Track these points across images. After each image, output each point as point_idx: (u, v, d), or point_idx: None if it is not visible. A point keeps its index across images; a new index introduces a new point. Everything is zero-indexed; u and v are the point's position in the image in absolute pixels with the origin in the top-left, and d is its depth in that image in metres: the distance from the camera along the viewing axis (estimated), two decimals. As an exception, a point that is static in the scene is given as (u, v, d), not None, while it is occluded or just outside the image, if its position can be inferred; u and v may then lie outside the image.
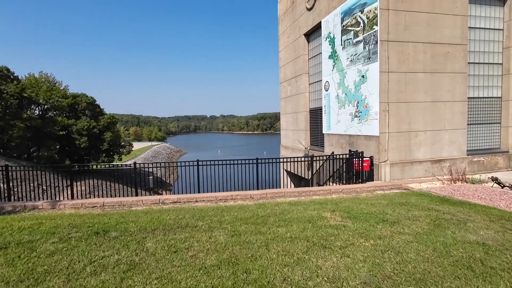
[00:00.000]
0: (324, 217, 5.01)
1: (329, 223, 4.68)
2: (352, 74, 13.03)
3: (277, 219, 4.95)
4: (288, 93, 19.93)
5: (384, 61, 11.42)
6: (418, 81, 11.81)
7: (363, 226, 4.49)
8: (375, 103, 11.72)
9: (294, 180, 20.45)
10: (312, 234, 4.17)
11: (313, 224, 4.60)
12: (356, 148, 12.90)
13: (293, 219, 4.92)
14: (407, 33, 11.58)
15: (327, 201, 6.28)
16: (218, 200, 7.00)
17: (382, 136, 11.61)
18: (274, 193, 7.39)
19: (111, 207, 6.61)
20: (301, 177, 18.73)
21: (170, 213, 5.52)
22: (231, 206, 6.08)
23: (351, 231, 4.29)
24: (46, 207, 6.81)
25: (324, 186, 9.05)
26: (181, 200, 7.01)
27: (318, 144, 16.78)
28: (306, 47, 17.45)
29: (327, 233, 4.19)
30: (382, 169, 11.65)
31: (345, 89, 13.60)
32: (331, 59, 14.55)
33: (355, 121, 12.97)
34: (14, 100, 36.76)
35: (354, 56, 12.84)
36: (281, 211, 5.48)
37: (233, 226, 4.60)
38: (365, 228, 4.38)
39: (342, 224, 4.60)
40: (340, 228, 4.38)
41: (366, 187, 8.37)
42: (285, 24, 19.77)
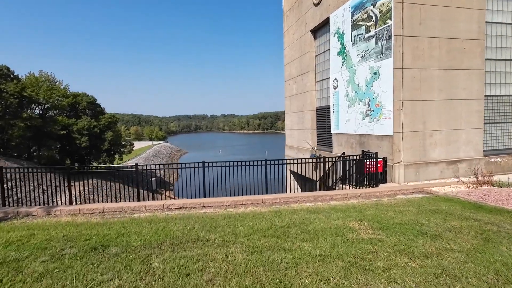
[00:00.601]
0: (352, 228, 4.39)
1: (360, 236, 4.06)
2: (363, 71, 12.39)
3: (299, 230, 4.32)
4: (293, 92, 19.28)
5: (398, 57, 10.78)
6: (433, 78, 11.17)
7: (401, 240, 3.87)
8: (389, 101, 11.08)
9: (300, 181, 19.81)
10: (345, 251, 3.54)
11: (343, 238, 3.98)
12: (367, 148, 12.27)
13: (317, 230, 4.30)
14: (422, 28, 10.93)
15: (349, 208, 5.66)
16: (228, 206, 6.38)
17: (396, 136, 10.98)
18: (287, 198, 6.77)
19: (112, 214, 5.99)
20: (307, 178, 18.11)
21: (177, 223, 4.89)
22: (243, 214, 5.46)
23: (390, 247, 3.67)
24: (40, 214, 6.19)
25: (340, 190, 8.44)
26: (188, 206, 6.39)
27: (326, 144, 16.15)
28: (313, 44, 16.79)
29: (363, 249, 3.57)
30: (396, 170, 11.02)
31: (355, 87, 12.96)
32: (340, 55, 13.90)
33: (366, 120, 12.33)
34: (14, 99, 36.10)
35: (366, 52, 12.19)
36: (301, 220, 4.86)
37: (250, 240, 3.98)
38: (405, 243, 3.75)
39: (376, 237, 3.99)
40: (375, 243, 3.77)
41: (386, 191, 7.74)
42: (290, 21, 19.10)
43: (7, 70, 39.41)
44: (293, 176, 20.45)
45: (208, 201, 6.50)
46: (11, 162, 32.87)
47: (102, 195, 9.11)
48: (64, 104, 40.43)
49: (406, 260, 3.28)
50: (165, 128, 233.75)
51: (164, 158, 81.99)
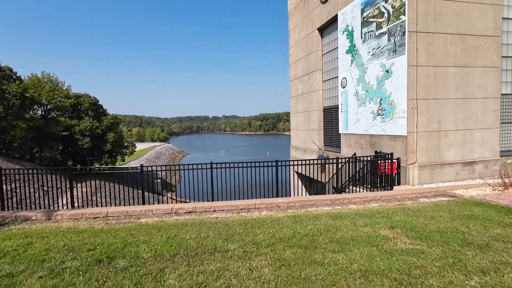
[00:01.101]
0: (386, 236, 3.90)
1: (397, 246, 3.58)
2: (374, 69, 11.91)
3: (326, 239, 3.83)
4: (299, 91, 18.80)
5: (412, 54, 10.30)
6: (448, 76, 10.69)
7: (446, 251, 3.37)
8: (402, 100, 10.59)
9: (305, 182, 19.32)
10: (387, 265, 3.05)
11: (379, 249, 3.49)
12: (379, 149, 11.78)
13: (347, 239, 3.81)
14: (437, 24, 10.45)
15: (373, 212, 5.17)
16: (240, 210, 5.89)
17: (410, 136, 10.49)
18: (303, 202, 6.28)
19: (116, 219, 5.50)
20: (313, 179, 17.61)
21: (190, 230, 4.40)
22: (259, 219, 4.97)
23: (436, 260, 3.19)
24: (40, 218, 5.71)
25: (359, 193, 7.95)
26: (197, 210, 5.91)
27: (333, 144, 15.65)
28: (320, 42, 16.32)
29: (407, 263, 3.08)
30: (410, 172, 10.53)
31: (365, 86, 12.47)
32: (349, 53, 13.42)
33: (378, 119, 11.84)
34: (16, 100, 35.67)
35: (377, 49, 11.71)
36: (325, 227, 4.37)
37: (275, 251, 3.49)
38: (452, 256, 3.26)
39: (416, 248, 3.50)
40: (418, 255, 3.28)
41: (407, 193, 7.24)
42: (296, 19, 18.64)
43: (10, 71, 39.04)
44: (298, 177, 19.95)
45: (219, 205, 6.02)
46: (13, 163, 32.39)
47: (105, 196, 8.66)
48: (67, 105, 40.00)
49: (462, 277, 2.79)
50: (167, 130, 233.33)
51: (166, 160, 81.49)
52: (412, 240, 3.77)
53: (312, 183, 19.02)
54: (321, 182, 15.69)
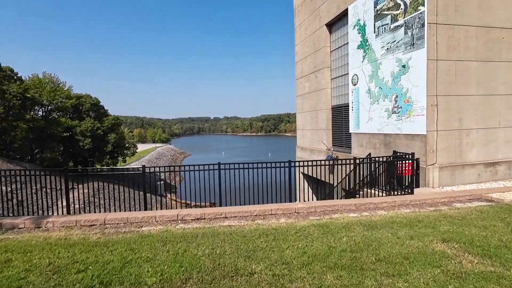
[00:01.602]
0: (443, 253, 3.14)
1: (465, 267, 2.82)
2: (388, 64, 11.15)
3: (372, 257, 3.07)
4: (305, 90, 18.04)
5: (432, 47, 9.54)
6: (469, 71, 9.93)
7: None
8: (421, 97, 9.83)
9: (312, 184, 18.53)
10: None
11: (443, 271, 2.73)
12: (394, 149, 11.01)
13: (397, 257, 3.04)
14: (458, 15, 9.70)
15: (411, 221, 4.41)
16: (255, 217, 5.13)
17: (430, 135, 9.72)
18: (325, 207, 5.52)
19: (115, 227, 4.75)
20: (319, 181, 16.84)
21: (201, 243, 3.63)
22: (281, 229, 4.21)
23: (526, 288, 2.45)
24: (28, 226, 4.96)
25: (384, 197, 7.17)
26: (206, 216, 5.15)
27: (343, 144, 14.88)
28: (328, 39, 15.57)
29: (490, 294, 2.35)
30: (429, 173, 9.76)
31: (379, 82, 11.72)
32: (361, 49, 12.67)
33: (393, 118, 11.08)
34: (17, 101, 34.94)
35: (392, 43, 10.96)
36: (363, 240, 3.61)
37: (312, 274, 2.73)
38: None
39: (490, 270, 2.75)
40: (498, 281, 2.54)
41: (438, 198, 6.47)
42: (303, 16, 17.90)
43: (11, 72, 38.34)
44: (304, 178, 19.16)
45: (230, 211, 5.26)
46: (13, 164, 31.65)
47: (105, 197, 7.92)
48: (68, 105, 39.26)
49: None
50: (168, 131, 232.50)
51: (167, 161, 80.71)
52: (479, 258, 3.02)
53: (319, 185, 18.23)
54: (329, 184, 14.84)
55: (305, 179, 18.97)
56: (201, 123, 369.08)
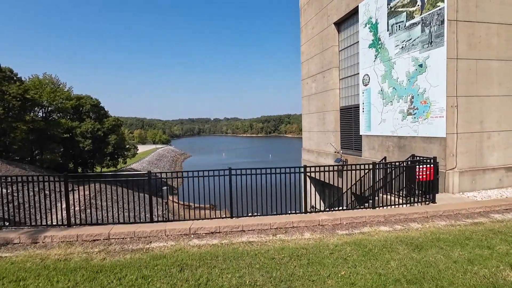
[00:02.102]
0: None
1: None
2: (403, 63, 10.65)
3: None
4: (312, 91, 17.53)
5: (452, 45, 9.04)
6: (491, 71, 9.43)
7: None
8: (440, 97, 9.33)
9: (318, 187, 17.97)
10: None
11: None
12: (410, 152, 10.50)
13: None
14: (478, 12, 9.21)
15: (457, 238, 3.87)
16: (275, 230, 4.62)
17: (450, 138, 9.22)
18: (351, 219, 5.01)
19: (121, 243, 4.24)
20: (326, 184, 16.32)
21: (225, 268, 3.09)
22: (311, 249, 3.67)
23: None
24: (24, 242, 4.45)
25: (414, 207, 6.66)
26: (221, 230, 4.64)
27: (352, 147, 14.37)
28: (336, 38, 15.08)
29: None
30: (449, 178, 9.25)
31: (392, 82, 11.22)
32: (373, 48, 12.17)
33: (408, 119, 10.57)
34: (16, 102, 34.47)
35: (407, 42, 10.46)
36: (417, 267, 3.03)
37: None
38: None
39: None
40: None
41: (472, 207, 5.94)
42: (309, 14, 17.40)
43: (10, 72, 37.88)
44: (310, 182, 18.65)
45: (247, 223, 4.74)
46: (12, 166, 31.15)
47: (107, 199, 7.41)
48: (68, 106, 38.74)
49: None
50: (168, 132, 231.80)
51: (168, 162, 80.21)
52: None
53: (324, 188, 17.69)
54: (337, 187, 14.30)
55: (311, 182, 18.45)
56: (201, 124, 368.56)
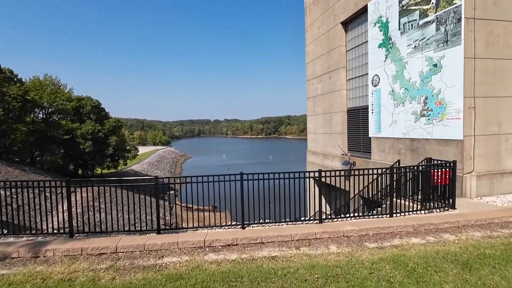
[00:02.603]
0: None
1: None
2: (416, 63, 10.28)
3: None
4: (318, 92, 17.16)
5: (469, 44, 8.68)
6: (509, 71, 9.07)
7: None
8: (456, 98, 8.95)
9: (324, 190, 17.49)
10: None
11: None
12: (423, 154, 10.12)
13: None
14: (496, 9, 8.85)
15: (510, 254, 3.49)
16: (297, 243, 4.23)
17: (467, 140, 8.84)
18: (377, 229, 4.62)
19: (130, 258, 3.84)
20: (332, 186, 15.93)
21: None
22: (345, 267, 3.27)
23: None
24: (24, 256, 4.05)
25: (444, 216, 6.26)
26: (238, 242, 4.25)
27: (360, 149, 13.98)
28: (344, 38, 14.71)
29: None
30: (466, 182, 8.86)
31: (404, 83, 10.84)
32: (383, 47, 11.80)
33: (422, 121, 10.19)
34: (16, 103, 34.10)
35: (421, 41, 10.09)
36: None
37: None
38: None
39: None
40: None
41: (506, 216, 5.55)
42: (315, 14, 17.04)
43: (10, 73, 37.50)
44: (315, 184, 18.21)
45: (266, 235, 4.34)
46: (12, 168, 30.73)
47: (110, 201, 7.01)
48: (68, 108, 38.34)
49: None
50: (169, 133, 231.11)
51: (168, 163, 79.76)
52: None
53: (330, 190, 17.28)
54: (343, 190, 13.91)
55: (316, 185, 18.03)
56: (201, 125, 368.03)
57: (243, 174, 6.76)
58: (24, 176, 29.55)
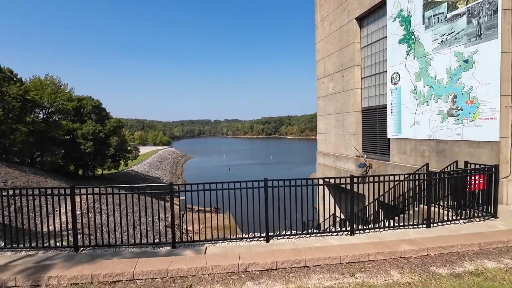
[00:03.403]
0: None
1: None
2: (443, 59, 9.57)
3: None
4: (329, 91, 16.42)
5: (507, 38, 7.97)
6: (547, 67, 8.36)
7: None
8: (492, 97, 8.24)
9: (334, 192, 16.63)
10: None
11: None
12: (451, 157, 9.41)
13: None
14: (535, 1, 8.15)
15: None
16: (350, 267, 3.52)
17: (504, 142, 8.13)
18: (439, 249, 3.90)
19: (150, 286, 3.13)
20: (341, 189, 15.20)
21: None
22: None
23: None
24: (22, 284, 3.32)
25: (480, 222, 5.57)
26: (279, 266, 3.53)
27: (377, 151, 13.27)
28: (358, 34, 13.98)
29: None
30: (502, 188, 8.16)
31: (429, 80, 10.13)
32: (404, 43, 11.09)
33: (450, 121, 9.48)
34: (16, 103, 33.32)
35: (449, 35, 9.37)
36: None
37: None
38: None
39: None
40: None
41: None
42: (326, 10, 16.30)
43: (10, 73, 36.72)
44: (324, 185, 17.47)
45: (310, 257, 3.61)
46: (12, 169, 29.98)
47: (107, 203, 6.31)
48: (69, 108, 37.55)
49: None
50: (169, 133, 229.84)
51: (169, 164, 78.95)
52: None
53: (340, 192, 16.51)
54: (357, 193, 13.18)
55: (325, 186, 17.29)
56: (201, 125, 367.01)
57: (267, 181, 6.05)
58: (24, 177, 28.78)
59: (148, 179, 54.82)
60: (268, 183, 6.05)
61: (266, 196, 6.07)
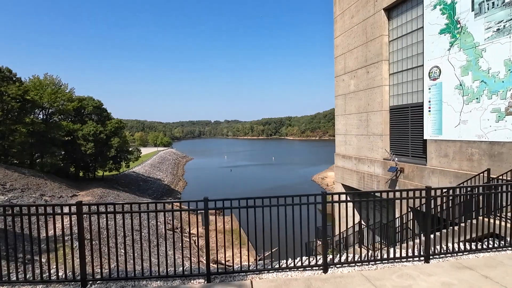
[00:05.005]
0: None
1: None
2: (499, 50, 8.26)
3: None
4: (350, 88, 15.10)
5: None
6: None
7: None
8: None
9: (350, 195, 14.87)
10: None
11: None
12: (509, 162, 8.11)
13: None
14: None
15: None
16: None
17: None
18: None
19: None
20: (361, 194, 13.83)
21: None
22: None
23: None
24: None
25: None
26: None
27: (408, 153, 11.95)
28: (386, 26, 12.67)
29: None
30: None
31: (480, 74, 8.82)
32: (447, 33, 9.78)
33: (509, 120, 8.16)
34: (15, 103, 31.89)
35: (507, 22, 8.08)
36: None
37: None
38: None
39: None
40: None
41: None
42: (347, 2, 14.98)
43: (9, 72, 35.24)
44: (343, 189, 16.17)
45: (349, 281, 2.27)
46: (11, 171, 28.55)
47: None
48: (69, 108, 36.11)
49: None
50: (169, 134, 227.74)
51: (170, 165, 77.49)
52: None
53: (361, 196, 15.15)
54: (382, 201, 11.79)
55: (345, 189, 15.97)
56: (202, 126, 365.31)
57: (326, 195, 4.71)
58: (23, 179, 27.37)
59: (149, 181, 53.37)
60: (327, 197, 4.72)
61: (324, 212, 4.76)
